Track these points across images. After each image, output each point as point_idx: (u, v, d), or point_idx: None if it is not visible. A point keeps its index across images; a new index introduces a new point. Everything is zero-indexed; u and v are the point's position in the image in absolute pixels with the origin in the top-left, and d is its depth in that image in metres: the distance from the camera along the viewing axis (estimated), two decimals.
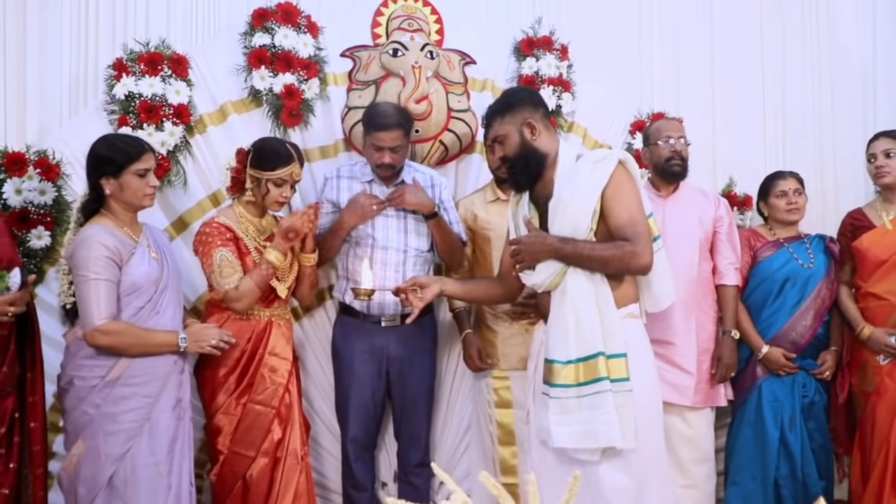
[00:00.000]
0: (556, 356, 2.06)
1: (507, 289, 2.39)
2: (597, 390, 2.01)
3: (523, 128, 2.17)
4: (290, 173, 2.47)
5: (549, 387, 2.07)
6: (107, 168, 2.24)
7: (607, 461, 2.04)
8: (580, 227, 2.09)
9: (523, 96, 2.25)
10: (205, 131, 2.85)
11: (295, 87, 2.86)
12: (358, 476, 2.77)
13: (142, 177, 2.26)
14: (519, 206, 2.27)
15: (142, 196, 2.28)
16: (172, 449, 2.26)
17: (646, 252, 2.08)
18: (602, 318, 2.06)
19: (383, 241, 2.71)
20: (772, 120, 3.51)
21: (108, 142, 2.31)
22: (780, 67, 3.53)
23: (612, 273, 2.11)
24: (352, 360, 2.73)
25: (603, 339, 2.04)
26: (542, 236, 2.13)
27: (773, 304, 2.93)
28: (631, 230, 2.07)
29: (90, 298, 2.18)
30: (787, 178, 3.04)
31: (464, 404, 3.04)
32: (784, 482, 2.84)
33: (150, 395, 2.24)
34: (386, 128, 2.63)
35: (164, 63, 2.78)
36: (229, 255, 2.42)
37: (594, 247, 2.08)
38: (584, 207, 2.08)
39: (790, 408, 2.86)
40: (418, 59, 2.91)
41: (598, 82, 3.28)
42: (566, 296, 2.09)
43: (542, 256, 2.11)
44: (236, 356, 2.47)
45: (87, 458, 2.19)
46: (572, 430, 2.02)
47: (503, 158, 2.22)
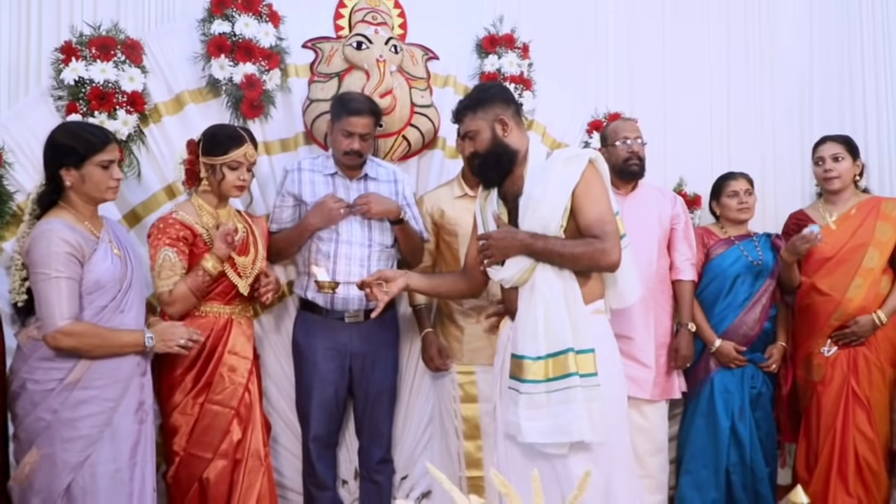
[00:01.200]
0: (525, 352, 2.07)
1: (471, 283, 2.40)
2: (566, 385, 2.03)
3: (495, 124, 2.19)
4: (243, 154, 2.41)
5: (519, 382, 2.08)
6: (68, 158, 2.11)
7: (575, 454, 2.06)
8: (551, 223, 2.11)
9: (496, 92, 2.26)
10: (160, 121, 2.74)
11: (256, 77, 2.78)
12: (320, 475, 2.72)
13: (105, 168, 2.15)
14: (487, 201, 2.28)
15: (105, 189, 2.17)
16: (135, 454, 2.16)
17: (615, 249, 2.12)
18: (570, 314, 2.08)
19: (347, 235, 2.67)
20: (718, 121, 3.64)
21: (69, 130, 2.18)
22: (725, 70, 3.67)
23: (581, 270, 2.14)
24: (314, 357, 2.68)
25: (572, 334, 2.06)
26: (512, 232, 2.14)
27: (725, 299, 3.05)
28: (600, 228, 2.10)
29: (51, 298, 2.05)
30: (738, 179, 3.17)
31: (425, 400, 3.03)
32: (734, 469, 2.96)
33: (112, 398, 2.13)
34: (358, 113, 2.60)
35: (118, 48, 2.65)
36: (173, 256, 2.34)
37: (565, 243, 2.10)
38: (556, 205, 2.11)
39: (740, 399, 2.98)
40: (383, 53, 2.88)
41: (556, 81, 3.32)
42: (535, 292, 2.11)
43: (511, 252, 2.13)
44: (194, 355, 2.39)
45: (42, 466, 2.05)
46: (542, 425, 2.03)
47: (473, 154, 2.23)
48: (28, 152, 2.57)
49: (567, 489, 2.04)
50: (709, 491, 2.96)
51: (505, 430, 2.17)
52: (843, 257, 2.90)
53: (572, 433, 2.02)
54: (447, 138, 3.08)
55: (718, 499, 2.95)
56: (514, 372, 2.11)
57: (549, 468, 2.07)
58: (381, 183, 2.78)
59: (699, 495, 2.97)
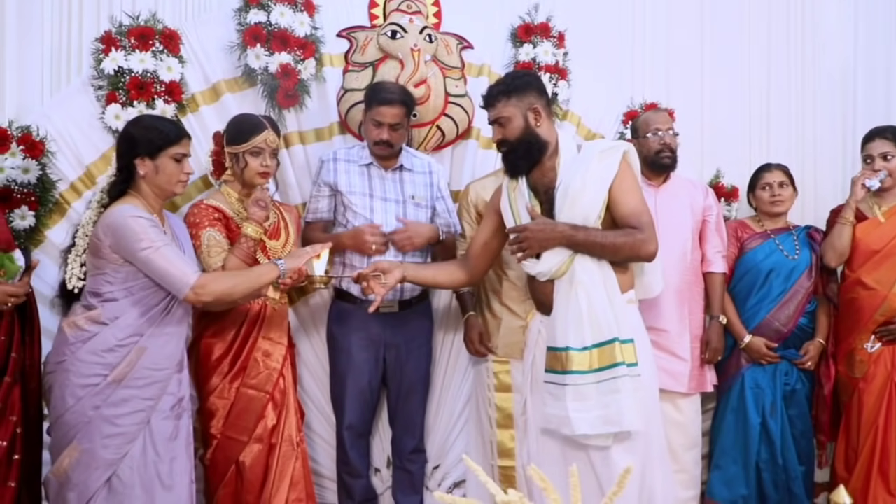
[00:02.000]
0: (569, 343, 2.07)
1: (470, 273, 2.40)
2: (614, 375, 2.05)
3: (528, 112, 2.18)
4: (264, 140, 2.43)
5: (561, 374, 2.08)
6: (143, 148, 2.16)
7: (618, 444, 2.08)
8: (591, 215, 2.12)
9: (531, 80, 2.26)
10: (197, 110, 2.77)
11: (291, 66, 2.79)
12: (353, 463, 2.74)
13: (178, 161, 2.19)
14: (517, 193, 2.26)
15: (175, 182, 2.21)
16: (171, 448, 2.18)
17: (653, 240, 2.15)
18: (612, 304, 2.10)
19: (382, 222, 2.67)
20: (757, 113, 3.57)
21: (147, 122, 2.24)
22: (765, 61, 3.59)
23: (620, 260, 2.16)
24: (349, 347, 2.70)
25: (616, 325, 2.08)
26: (551, 224, 2.13)
27: (758, 294, 3.00)
28: (638, 219, 2.13)
29: (166, 266, 2.08)
30: (772, 171, 3.11)
31: (458, 389, 3.04)
32: (764, 466, 2.93)
33: (151, 397, 2.15)
34: (388, 102, 2.60)
35: (156, 38, 2.68)
36: (217, 235, 2.39)
37: (606, 234, 2.11)
38: (596, 197, 2.12)
39: (771, 395, 2.94)
40: (417, 42, 2.87)
41: (592, 71, 3.28)
42: (575, 283, 2.11)
43: (551, 244, 2.12)
44: (230, 339, 2.44)
45: (81, 461, 2.07)
46: (591, 416, 2.04)
47: (502, 141, 2.22)
48: (70, 141, 2.61)
49: (606, 482, 2.05)
50: (738, 487, 2.93)
51: (544, 425, 2.16)
52: (890, 251, 2.82)
53: (623, 423, 2.04)
54: (481, 128, 3.06)
55: (748, 495, 2.92)
56: (553, 365, 2.12)
57: (586, 461, 2.08)
58: (416, 174, 2.78)
59: (728, 491, 2.94)
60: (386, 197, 2.71)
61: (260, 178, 2.46)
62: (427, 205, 2.77)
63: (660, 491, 2.15)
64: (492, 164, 3.06)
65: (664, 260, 2.51)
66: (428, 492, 2.99)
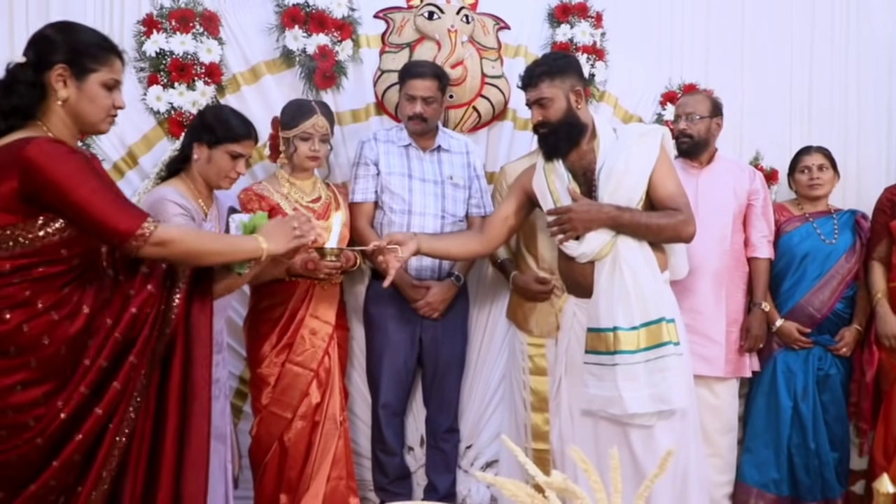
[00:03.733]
0: (618, 323, 2.10)
1: (484, 245, 2.41)
2: (662, 354, 2.08)
3: (571, 94, 2.19)
4: (312, 125, 2.47)
5: (607, 355, 2.10)
6: (205, 135, 2.19)
7: (661, 423, 2.12)
8: (634, 197, 2.16)
9: (573, 62, 2.28)
10: (238, 91, 2.80)
11: (329, 48, 2.80)
12: (388, 441, 2.79)
13: (233, 158, 2.21)
14: (555, 175, 2.26)
15: (223, 177, 2.23)
16: None
17: (692, 221, 2.20)
18: (655, 285, 2.14)
19: (421, 207, 2.69)
20: (798, 95, 3.49)
21: (219, 112, 2.29)
22: (808, 43, 3.50)
23: (662, 241, 2.21)
24: (385, 327, 2.73)
25: (662, 305, 2.12)
26: (596, 205, 2.15)
27: (792, 277, 2.97)
28: (680, 200, 2.19)
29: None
30: (812, 154, 3.05)
31: (491, 369, 3.06)
32: (796, 451, 2.91)
33: None
34: (420, 76, 2.62)
35: (196, 20, 2.70)
36: None
37: (650, 215, 2.16)
38: (639, 179, 2.16)
39: (803, 379, 2.91)
40: (454, 23, 2.86)
41: (629, 51, 3.24)
42: (619, 264, 2.13)
43: (595, 225, 2.14)
44: (276, 316, 2.51)
45: None
46: (641, 395, 2.08)
47: (543, 122, 2.21)
48: None
49: (646, 461, 2.09)
50: (769, 471, 2.92)
51: (585, 406, 2.19)
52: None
53: (672, 401, 2.08)
54: (517, 109, 3.05)
55: (780, 479, 2.91)
56: (595, 346, 2.14)
57: (623, 441, 2.10)
58: (454, 154, 2.79)
59: (759, 474, 2.93)
60: (424, 178, 2.73)
61: (309, 161, 2.51)
62: (465, 185, 2.78)
63: (693, 470, 2.18)
64: (527, 145, 3.05)
65: (703, 242, 2.52)
66: (461, 471, 3.03)
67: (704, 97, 2.94)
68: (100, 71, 1.57)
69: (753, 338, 2.86)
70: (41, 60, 1.54)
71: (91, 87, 1.57)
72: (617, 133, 2.24)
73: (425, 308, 2.69)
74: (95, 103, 1.58)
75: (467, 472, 3.05)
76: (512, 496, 1.14)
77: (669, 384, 2.08)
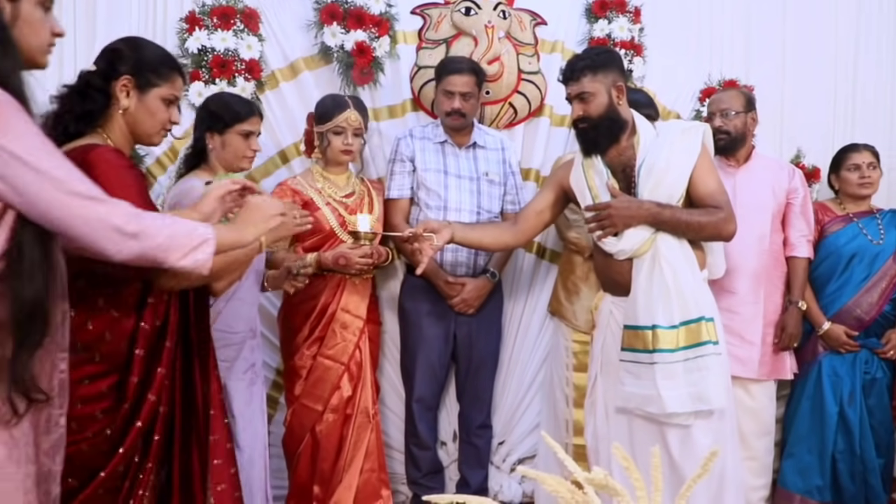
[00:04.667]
0: (658, 321, 2.08)
1: (516, 237, 2.40)
2: (701, 354, 2.07)
3: (612, 89, 2.17)
4: (345, 120, 2.50)
5: (649, 353, 2.09)
6: (214, 123, 2.26)
7: (699, 422, 2.10)
8: (675, 194, 2.14)
9: (616, 57, 2.26)
10: (277, 87, 2.84)
11: (366, 44, 2.82)
12: (422, 435, 2.80)
13: (245, 138, 2.27)
14: (593, 171, 2.24)
15: (241, 157, 2.29)
16: (246, 413, 2.30)
17: (733, 219, 2.17)
18: (694, 284, 2.12)
19: (456, 203, 2.70)
20: (843, 92, 3.41)
21: (220, 99, 2.34)
22: (853, 38, 3.41)
23: (703, 239, 2.19)
24: (419, 322, 2.74)
25: (701, 303, 2.11)
26: (636, 201, 2.13)
27: (839, 279, 2.90)
28: (720, 197, 2.16)
29: None
30: (861, 151, 2.98)
31: (525, 365, 3.06)
32: (841, 457, 2.84)
33: (227, 359, 2.26)
34: (458, 71, 2.63)
35: (237, 17, 2.75)
36: None
37: (691, 212, 2.14)
38: (680, 176, 2.15)
39: (850, 384, 2.85)
40: (491, 19, 2.86)
41: (668, 47, 3.20)
42: (659, 261, 2.11)
43: (635, 221, 2.12)
44: (308, 309, 2.54)
45: None
46: (681, 394, 2.06)
47: (583, 117, 2.19)
48: None
49: (684, 460, 2.07)
50: (812, 477, 2.86)
51: (621, 404, 2.17)
52: None
53: (711, 401, 2.06)
54: (554, 106, 3.04)
55: (823, 486, 2.85)
56: (632, 343, 2.13)
57: (659, 440, 2.09)
58: (490, 151, 2.79)
59: (802, 480, 2.87)
60: (460, 174, 2.73)
61: (342, 155, 2.53)
62: (500, 181, 2.78)
63: (730, 471, 2.15)
64: (563, 141, 3.04)
65: (741, 242, 2.46)
66: (493, 467, 3.03)
67: (738, 92, 2.89)
68: (161, 86, 1.66)
69: (788, 336, 2.81)
70: (109, 70, 1.63)
71: (151, 101, 1.65)
72: (657, 129, 2.23)
73: (460, 304, 2.69)
74: (154, 116, 1.66)
75: (499, 468, 3.06)
76: (553, 491, 1.13)
77: (708, 383, 2.06)
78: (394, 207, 2.73)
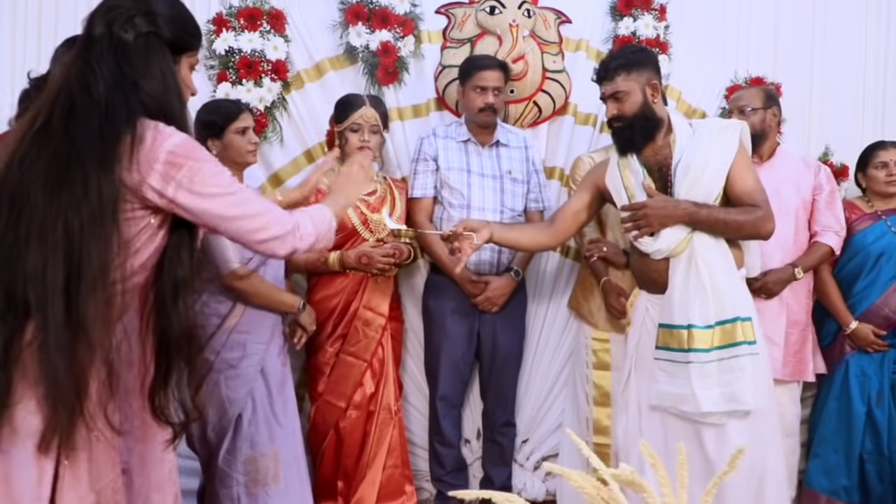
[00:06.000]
0: (693, 321, 2.07)
1: (553, 238, 2.40)
2: (736, 354, 2.06)
3: (647, 88, 2.17)
4: (361, 116, 2.54)
5: (684, 352, 2.08)
6: (211, 130, 2.33)
7: (734, 422, 2.09)
8: (712, 193, 2.13)
9: (651, 56, 2.26)
10: (302, 87, 2.87)
11: (391, 44, 2.84)
12: (446, 433, 2.81)
13: (242, 134, 2.34)
14: (629, 170, 2.23)
15: (245, 152, 2.36)
16: (282, 392, 2.37)
17: (771, 217, 2.15)
18: (731, 283, 2.11)
19: (480, 202, 2.71)
20: (872, 90, 3.37)
21: (208, 107, 2.41)
22: (883, 35, 3.38)
23: (741, 238, 2.18)
24: (443, 320, 2.76)
25: (737, 303, 2.09)
26: (673, 201, 2.13)
27: (867, 278, 2.86)
28: (758, 196, 2.14)
29: (221, 246, 2.25)
30: (888, 149, 2.94)
31: (549, 364, 3.06)
32: (869, 458, 2.81)
33: (263, 341, 2.33)
34: (488, 66, 2.65)
35: (263, 18, 2.78)
36: None
37: (728, 211, 2.12)
38: (717, 175, 2.12)
39: (878, 383, 2.81)
40: (515, 18, 2.86)
41: (694, 44, 3.18)
42: (695, 261, 2.11)
43: (671, 221, 2.11)
44: (331, 307, 2.57)
45: (211, 403, 2.29)
46: (713, 394, 2.05)
47: (618, 116, 2.19)
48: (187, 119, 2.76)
49: (719, 459, 2.05)
50: (839, 477, 2.83)
51: (656, 403, 2.16)
52: None
53: (744, 401, 2.05)
54: (578, 104, 3.04)
55: (850, 487, 2.81)
56: (667, 342, 2.12)
57: (693, 439, 2.08)
58: (513, 149, 2.79)
59: (828, 481, 2.84)
60: (483, 173, 2.74)
61: (359, 153, 2.54)
62: (524, 179, 2.78)
63: (771, 469, 2.13)
64: (587, 139, 3.04)
65: None
66: (516, 465, 3.04)
67: (757, 89, 2.86)
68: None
69: (764, 283, 2.67)
70: None
71: None
72: (693, 128, 2.22)
73: (485, 303, 2.70)
74: None
75: (523, 466, 3.07)
76: (578, 487, 1.14)
77: (743, 384, 2.05)
78: (417, 206, 2.75)
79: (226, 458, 2.27)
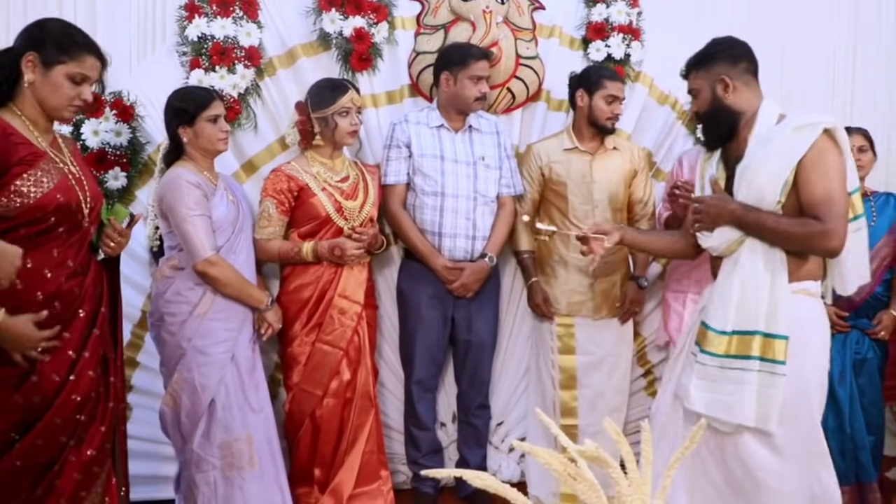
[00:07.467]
0: (713, 324, 2.03)
1: (686, 245, 2.30)
2: (742, 367, 1.97)
3: (716, 84, 2.08)
4: (350, 100, 2.57)
5: (699, 350, 2.05)
6: (182, 118, 2.34)
7: (750, 434, 2.00)
8: (767, 196, 1.97)
9: (721, 50, 2.14)
10: (274, 74, 2.85)
11: (365, 30, 2.84)
12: (421, 416, 2.85)
13: (213, 122, 2.36)
14: (707, 163, 2.20)
15: (216, 140, 2.38)
16: (253, 377, 2.41)
17: (837, 233, 1.93)
18: (771, 296, 1.98)
19: (453, 189, 2.73)
20: (842, 77, 3.42)
21: (180, 94, 2.42)
22: (853, 23, 3.42)
23: (794, 250, 2.00)
24: (418, 305, 2.78)
25: (766, 317, 1.97)
26: (724, 200, 2.04)
27: None
28: (825, 208, 1.92)
29: (193, 234, 2.28)
30: (852, 135, 2.97)
31: (522, 349, 3.10)
32: (831, 435, 2.83)
33: (234, 328, 2.37)
34: (485, 56, 2.71)
35: (236, 4, 2.76)
36: (271, 208, 2.56)
37: (779, 220, 1.96)
38: (776, 176, 1.95)
39: (840, 363, 2.88)
40: (489, 4, 2.87)
41: (666, 31, 3.19)
42: (737, 266, 2.02)
43: (721, 221, 2.04)
44: (306, 297, 2.58)
45: (184, 389, 2.32)
46: (709, 398, 2.00)
47: (696, 114, 2.18)
48: (157, 106, 2.73)
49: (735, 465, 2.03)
50: None
51: (675, 390, 2.16)
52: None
53: (735, 414, 1.97)
54: (551, 90, 3.05)
55: None
56: (698, 338, 2.08)
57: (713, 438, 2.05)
58: (485, 134, 2.82)
59: None
60: (457, 159, 2.76)
61: (349, 137, 2.59)
62: (496, 165, 2.81)
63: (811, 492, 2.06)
64: (560, 125, 3.05)
65: None
66: (491, 447, 3.09)
67: None
68: (67, 63, 1.78)
69: None
70: (19, 47, 1.79)
71: (56, 77, 1.78)
72: (780, 124, 2.02)
73: (459, 289, 2.73)
74: (57, 91, 1.79)
75: (498, 448, 3.11)
76: (546, 464, 1.18)
77: (742, 398, 1.95)
78: (391, 193, 2.76)
79: (201, 442, 2.30)
